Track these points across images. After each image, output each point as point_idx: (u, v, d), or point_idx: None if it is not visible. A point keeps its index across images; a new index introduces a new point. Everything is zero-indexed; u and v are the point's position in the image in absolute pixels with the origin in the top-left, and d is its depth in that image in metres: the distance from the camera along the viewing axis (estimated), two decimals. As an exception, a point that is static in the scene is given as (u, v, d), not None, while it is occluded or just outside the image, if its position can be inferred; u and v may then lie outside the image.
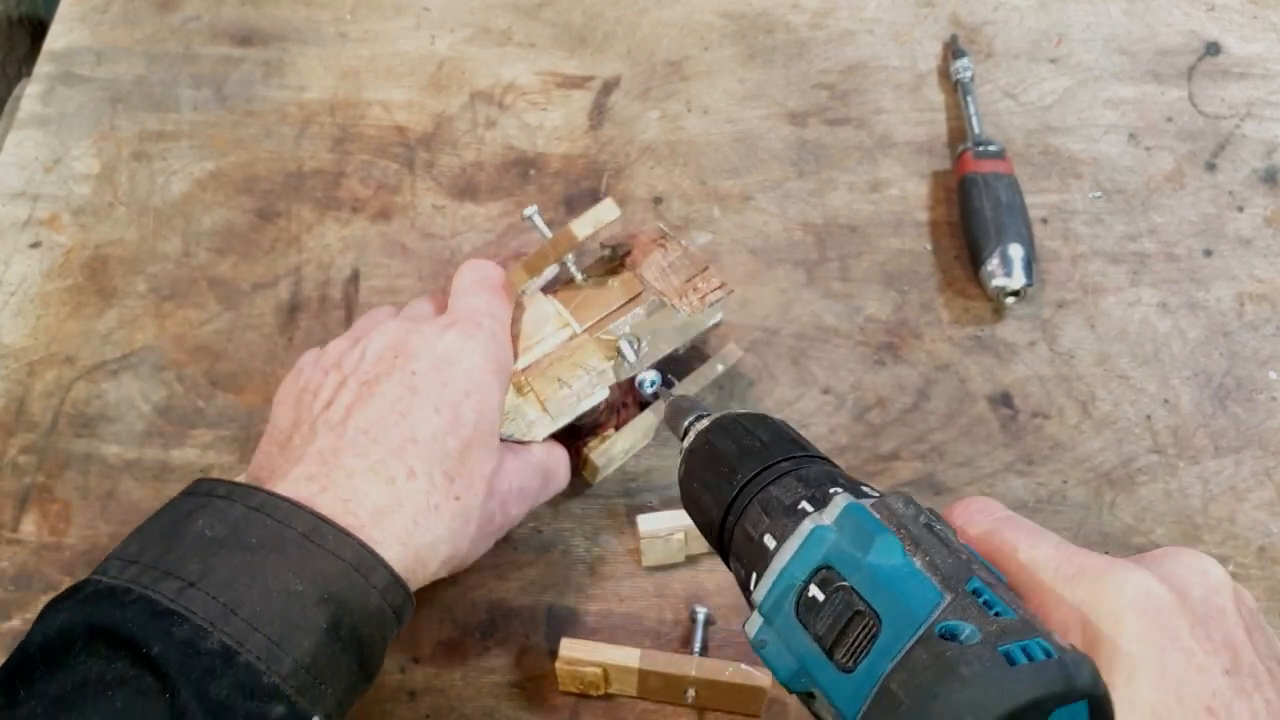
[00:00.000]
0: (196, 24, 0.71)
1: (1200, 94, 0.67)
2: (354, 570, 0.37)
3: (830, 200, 0.63)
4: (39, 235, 0.62)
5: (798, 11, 0.71)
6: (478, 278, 0.49)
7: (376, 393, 0.42)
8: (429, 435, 0.41)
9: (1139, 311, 0.59)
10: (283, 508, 0.37)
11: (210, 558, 0.36)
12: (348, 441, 0.40)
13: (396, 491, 0.40)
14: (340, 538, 0.37)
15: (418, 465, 0.41)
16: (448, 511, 0.41)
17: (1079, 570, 0.33)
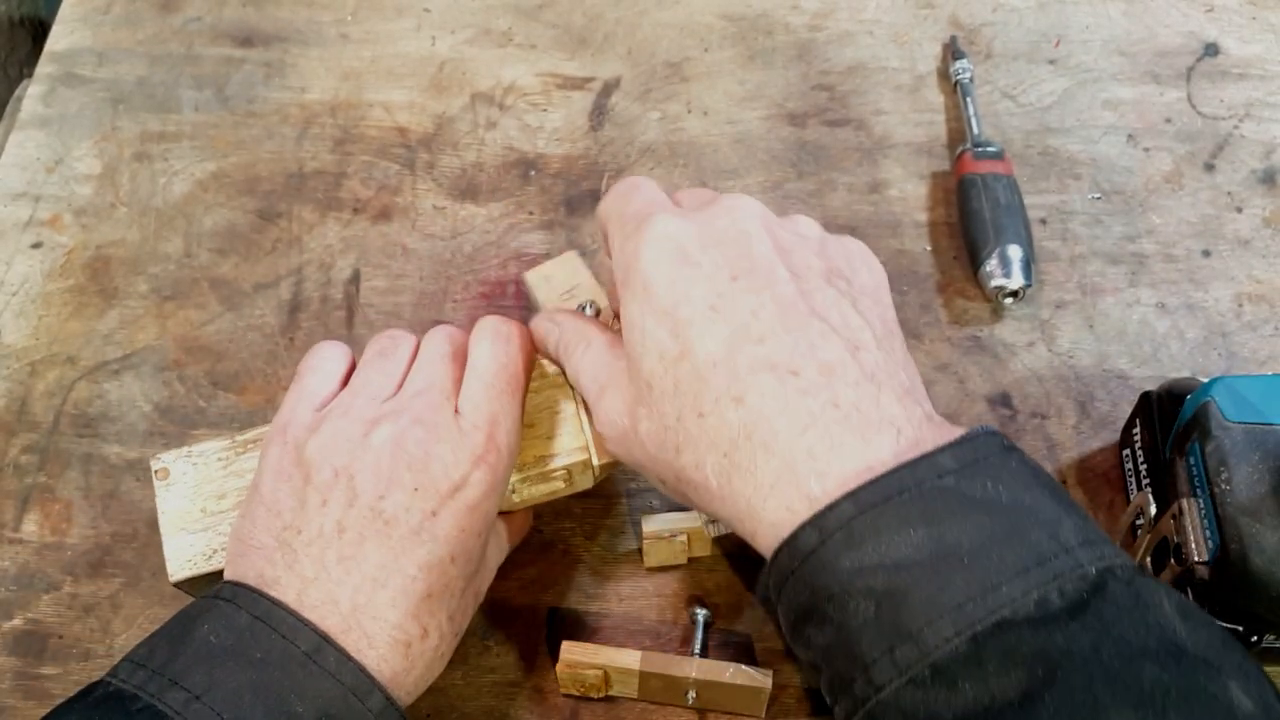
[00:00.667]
0: (198, 25, 0.71)
1: (1199, 95, 0.67)
2: (351, 694, 0.37)
3: (829, 201, 0.63)
4: (41, 236, 0.62)
5: (797, 13, 0.71)
6: (502, 363, 0.43)
7: (394, 536, 0.39)
8: (443, 587, 0.40)
9: (1137, 312, 0.59)
10: (287, 622, 0.37)
11: (215, 670, 0.36)
12: (364, 596, 0.38)
13: (411, 654, 0.39)
14: (341, 661, 0.37)
15: (430, 622, 0.40)
16: (448, 649, 0.41)
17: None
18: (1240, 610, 0.44)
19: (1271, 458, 0.43)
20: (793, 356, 0.36)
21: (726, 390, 0.36)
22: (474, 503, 0.40)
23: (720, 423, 0.36)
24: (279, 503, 0.40)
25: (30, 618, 0.50)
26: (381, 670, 0.38)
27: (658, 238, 0.38)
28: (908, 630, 0.31)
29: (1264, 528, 0.42)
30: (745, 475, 0.35)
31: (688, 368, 0.36)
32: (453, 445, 0.41)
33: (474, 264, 0.61)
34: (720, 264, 0.38)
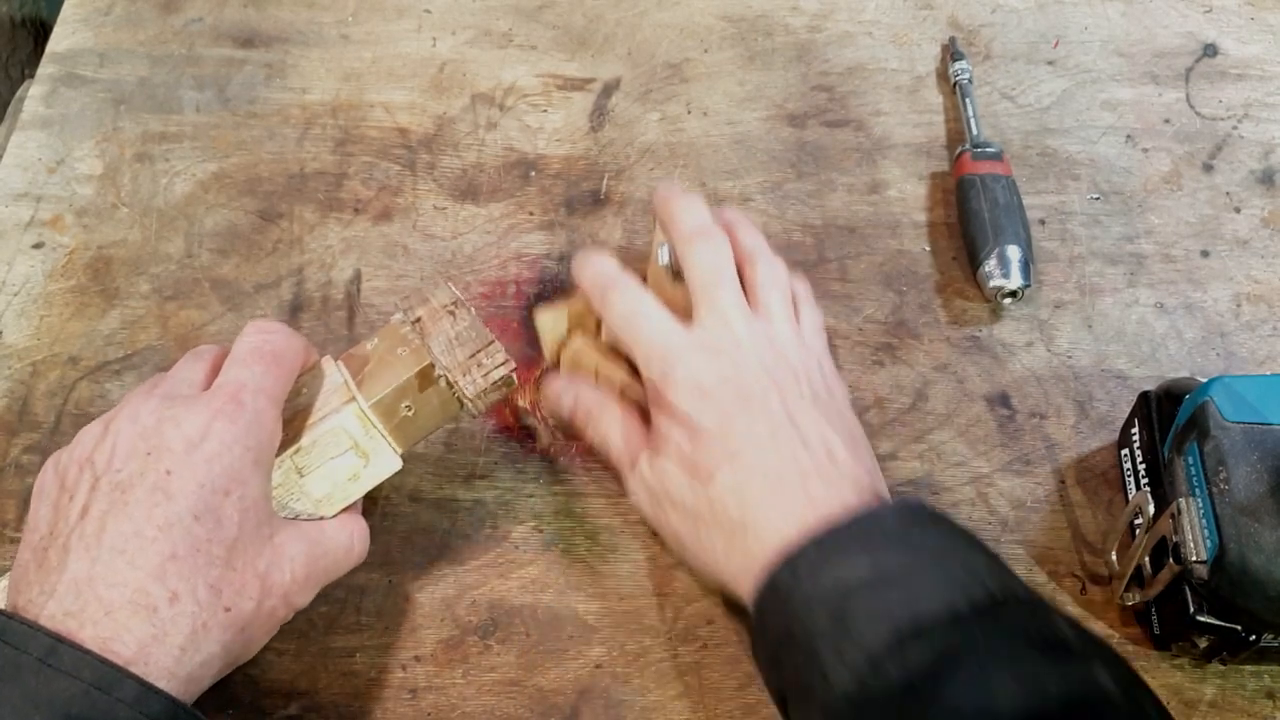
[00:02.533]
0: (199, 26, 0.71)
1: (1198, 95, 0.67)
2: (94, 689, 0.35)
3: (829, 201, 0.63)
4: (42, 236, 0.62)
5: (797, 14, 0.71)
6: (254, 344, 0.44)
7: (130, 501, 0.39)
8: (189, 548, 0.38)
9: (1136, 312, 0.59)
10: (19, 631, 0.36)
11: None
12: (103, 566, 0.37)
13: (160, 620, 0.37)
14: (78, 657, 0.36)
15: (180, 585, 0.38)
16: (217, 626, 0.39)
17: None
18: (1238, 609, 0.44)
19: (1270, 457, 0.43)
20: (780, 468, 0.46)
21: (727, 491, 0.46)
22: (213, 454, 0.40)
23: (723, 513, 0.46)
24: (38, 519, 0.41)
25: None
26: (125, 640, 0.37)
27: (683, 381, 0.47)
28: (851, 633, 0.39)
29: (1262, 527, 0.42)
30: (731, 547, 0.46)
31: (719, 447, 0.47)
32: (188, 407, 0.41)
33: (474, 264, 0.61)
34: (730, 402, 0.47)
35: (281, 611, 0.42)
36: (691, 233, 0.50)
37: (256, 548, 0.41)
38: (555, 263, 0.61)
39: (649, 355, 0.48)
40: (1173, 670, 0.49)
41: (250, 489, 0.41)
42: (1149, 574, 0.47)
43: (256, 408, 0.42)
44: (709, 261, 0.50)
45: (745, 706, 0.48)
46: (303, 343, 0.46)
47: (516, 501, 0.53)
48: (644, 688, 0.49)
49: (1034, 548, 0.52)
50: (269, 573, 0.41)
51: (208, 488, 0.39)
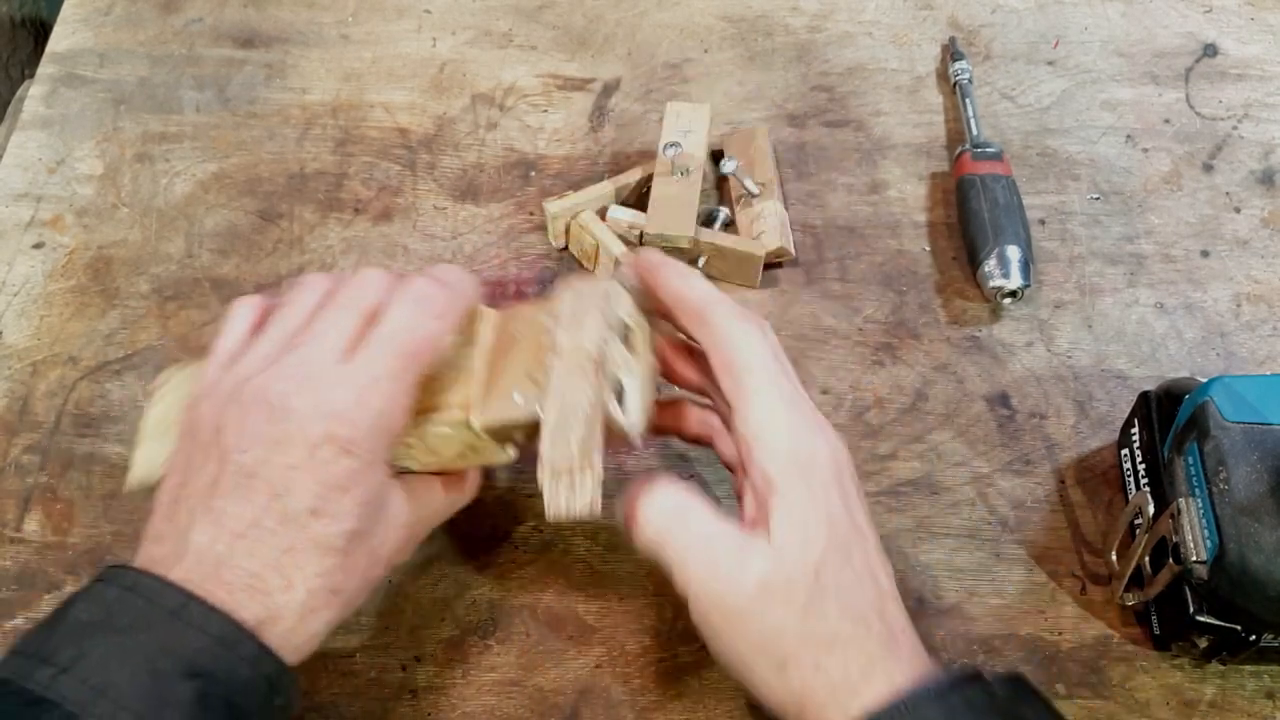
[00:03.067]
0: (199, 26, 0.71)
1: (1197, 96, 0.67)
2: (219, 644, 0.37)
3: (829, 201, 0.63)
4: (42, 236, 0.62)
5: (797, 14, 0.71)
6: (409, 331, 0.42)
7: (254, 488, 0.39)
8: (306, 542, 0.39)
9: (1136, 312, 0.59)
10: (152, 587, 0.38)
11: (84, 642, 0.36)
12: (224, 547, 0.38)
13: (273, 604, 0.38)
14: (206, 614, 0.37)
15: (295, 575, 0.39)
16: (324, 608, 0.40)
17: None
18: (1238, 610, 0.44)
19: (1270, 457, 0.43)
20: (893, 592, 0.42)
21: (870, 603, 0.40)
22: (330, 458, 0.39)
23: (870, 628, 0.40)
24: (177, 462, 0.41)
25: (31, 617, 0.50)
26: (241, 616, 0.38)
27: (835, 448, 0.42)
28: None
29: (1262, 527, 0.42)
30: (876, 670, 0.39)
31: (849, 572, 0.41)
32: (315, 401, 0.40)
33: (474, 264, 0.61)
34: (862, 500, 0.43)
35: (382, 574, 0.42)
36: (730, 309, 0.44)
37: (370, 529, 0.41)
38: (555, 263, 0.61)
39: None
40: (1173, 670, 0.49)
41: (374, 474, 0.41)
42: (1149, 574, 0.47)
43: (385, 402, 0.40)
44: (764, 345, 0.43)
45: (745, 708, 0.48)
46: (468, 298, 0.44)
47: (516, 501, 0.53)
48: (644, 688, 0.49)
49: (1034, 548, 0.52)
50: (378, 547, 0.42)
51: (327, 485, 0.39)
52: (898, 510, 0.53)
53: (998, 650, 0.49)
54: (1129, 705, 0.48)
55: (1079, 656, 0.49)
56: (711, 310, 0.43)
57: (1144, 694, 0.48)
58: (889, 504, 0.53)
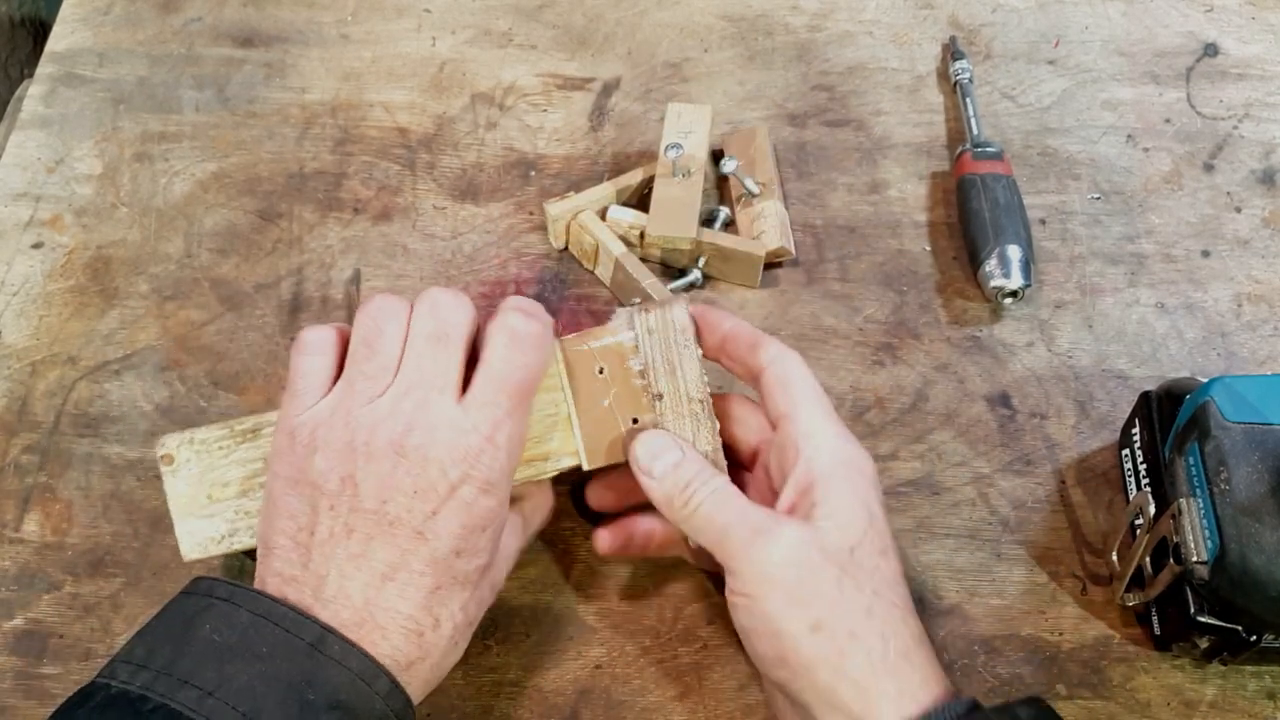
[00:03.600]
0: (198, 25, 0.71)
1: (1198, 95, 0.67)
2: (359, 679, 0.38)
3: (830, 201, 0.63)
4: (41, 236, 0.62)
5: (797, 13, 0.71)
6: (518, 369, 0.43)
7: (398, 534, 0.40)
8: (450, 579, 0.41)
9: (1137, 312, 0.59)
10: (289, 617, 0.38)
11: (225, 665, 0.37)
12: (375, 592, 0.40)
13: (425, 643, 0.40)
14: (345, 648, 0.38)
15: (442, 612, 0.41)
16: (462, 638, 0.42)
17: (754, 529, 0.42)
18: (1239, 610, 0.44)
19: (1271, 458, 0.43)
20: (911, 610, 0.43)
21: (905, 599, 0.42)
22: (471, 500, 0.41)
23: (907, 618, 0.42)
24: (291, 508, 0.41)
25: (31, 617, 0.50)
26: (396, 659, 0.39)
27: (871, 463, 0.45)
28: None
29: (1263, 527, 0.42)
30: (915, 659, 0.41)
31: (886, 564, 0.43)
32: (449, 447, 0.41)
33: (474, 264, 0.61)
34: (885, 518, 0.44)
35: (491, 598, 0.44)
36: (777, 341, 0.46)
37: (493, 563, 0.43)
38: (555, 263, 0.61)
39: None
40: (1173, 671, 0.49)
41: (500, 518, 0.43)
42: (1150, 574, 0.47)
43: (510, 450, 0.42)
44: (808, 371, 0.46)
45: (745, 707, 0.48)
46: (551, 330, 0.45)
47: (516, 502, 0.53)
48: (644, 688, 0.49)
49: (1035, 548, 0.52)
50: (496, 576, 0.44)
51: (469, 528, 0.41)
52: (898, 510, 0.53)
53: (998, 651, 0.49)
54: (1130, 706, 0.48)
55: (1080, 657, 0.49)
56: (763, 340, 0.46)
57: (1145, 694, 0.48)
58: (890, 504, 0.53)
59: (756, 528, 0.42)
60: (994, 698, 0.48)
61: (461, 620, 0.42)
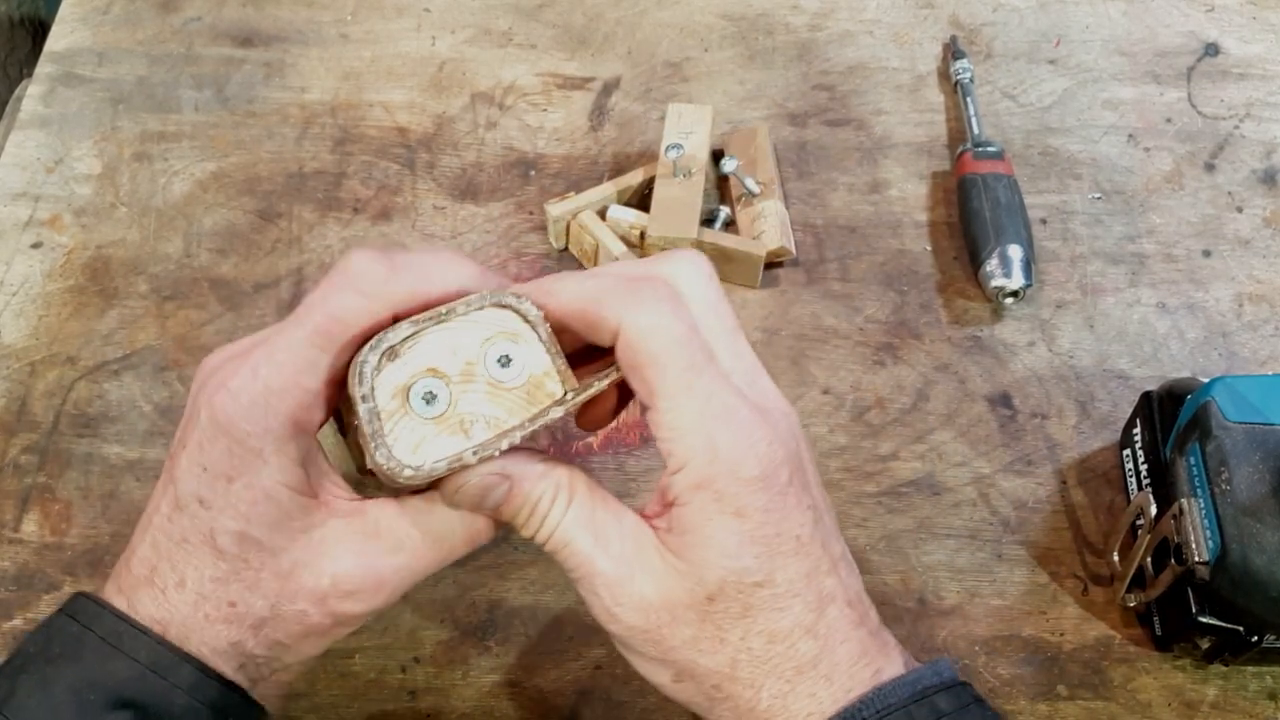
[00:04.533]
0: (198, 25, 0.71)
1: (1199, 95, 0.67)
2: (150, 672, 0.34)
3: (830, 201, 0.63)
4: (40, 236, 0.62)
5: (797, 13, 0.71)
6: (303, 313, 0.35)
7: (173, 472, 0.36)
8: (196, 534, 0.35)
9: (1138, 312, 0.59)
10: (89, 610, 0.36)
11: (18, 676, 0.35)
12: (136, 539, 0.37)
13: (168, 605, 0.36)
14: (136, 639, 0.35)
15: (188, 572, 0.36)
16: (221, 620, 0.36)
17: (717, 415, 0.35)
18: (1240, 610, 0.44)
19: (1272, 458, 0.43)
20: (841, 588, 0.37)
21: (799, 622, 0.36)
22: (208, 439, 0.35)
23: (792, 651, 0.36)
24: None
25: (30, 618, 0.50)
26: (140, 614, 0.35)
27: (763, 457, 0.35)
28: None
29: (1264, 528, 0.42)
30: (793, 700, 0.36)
31: (765, 594, 0.36)
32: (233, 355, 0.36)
33: (474, 264, 0.61)
34: (805, 493, 0.36)
35: (318, 619, 0.37)
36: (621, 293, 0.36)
37: (278, 543, 0.36)
38: (555, 263, 0.61)
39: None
40: (1174, 671, 0.49)
41: (260, 477, 0.35)
42: (1151, 575, 0.47)
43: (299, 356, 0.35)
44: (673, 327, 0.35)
45: (746, 708, 0.48)
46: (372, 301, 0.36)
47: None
48: (644, 689, 0.48)
49: (1035, 548, 0.52)
50: (294, 572, 0.36)
51: (210, 473, 0.35)
52: (899, 511, 0.53)
53: (999, 651, 0.49)
54: (1130, 706, 0.48)
55: (1080, 657, 0.49)
56: (597, 305, 0.35)
57: (1146, 695, 0.48)
58: (890, 504, 0.53)
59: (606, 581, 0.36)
60: (995, 698, 0.48)
61: (213, 592, 0.35)
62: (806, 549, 0.36)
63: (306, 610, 0.36)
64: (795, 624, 0.36)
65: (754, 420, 0.35)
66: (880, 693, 0.35)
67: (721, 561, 0.35)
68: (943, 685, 0.36)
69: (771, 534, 0.35)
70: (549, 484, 0.36)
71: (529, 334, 0.36)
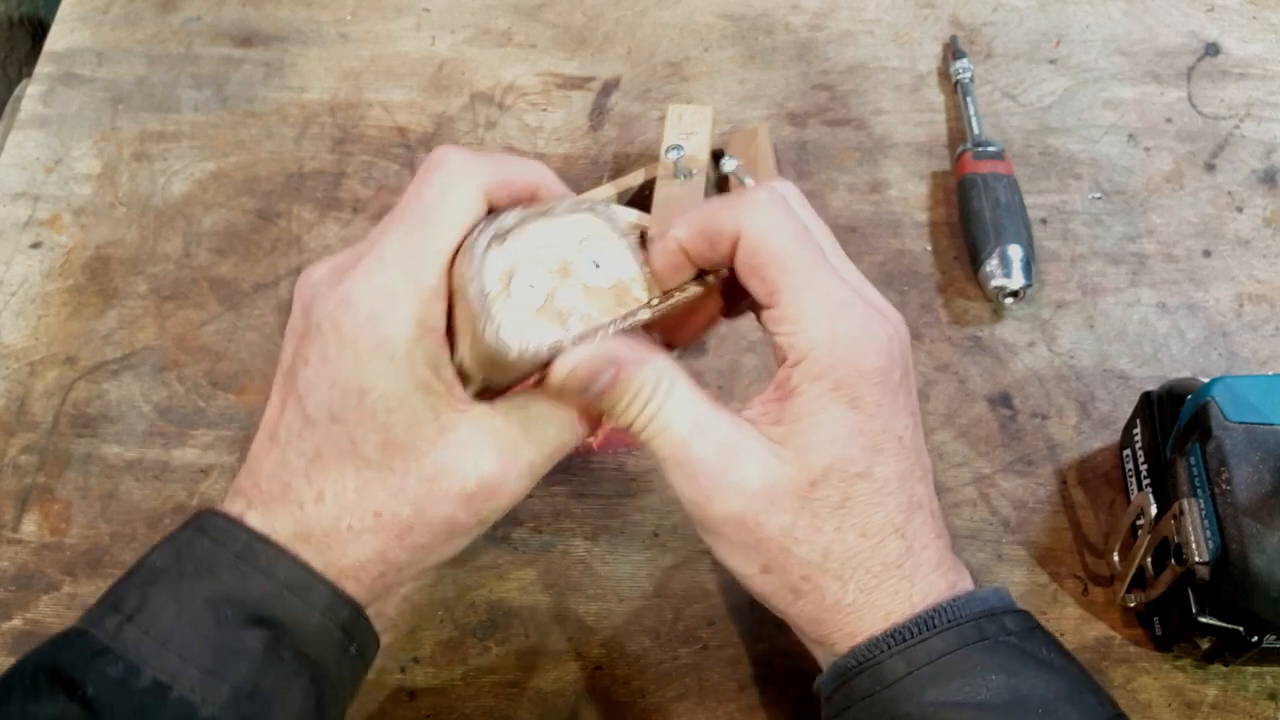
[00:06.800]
0: (197, 25, 0.71)
1: (1199, 95, 0.67)
2: (287, 590, 0.35)
3: (830, 201, 0.63)
4: (40, 236, 0.62)
5: (797, 13, 0.71)
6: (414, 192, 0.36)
7: (286, 388, 0.37)
8: (334, 449, 0.36)
9: (1138, 312, 0.59)
10: (219, 527, 0.36)
11: (149, 588, 0.35)
12: (266, 453, 0.37)
13: (306, 518, 0.36)
14: (273, 556, 0.35)
15: (325, 486, 0.36)
16: (366, 530, 0.36)
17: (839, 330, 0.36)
18: (1240, 610, 0.44)
19: (1272, 458, 0.43)
20: (928, 498, 0.39)
21: (890, 520, 0.37)
22: (338, 354, 0.35)
23: (881, 547, 0.37)
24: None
25: (29, 618, 0.50)
26: (278, 533, 0.36)
27: (882, 350, 0.36)
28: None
29: (1265, 528, 0.42)
30: (877, 596, 0.37)
31: (864, 486, 0.37)
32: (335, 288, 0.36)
33: (474, 264, 0.61)
34: (910, 399, 0.38)
35: (464, 519, 0.37)
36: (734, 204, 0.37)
37: (418, 448, 0.36)
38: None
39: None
40: (1174, 671, 0.49)
41: (395, 384, 0.35)
42: (1151, 575, 0.47)
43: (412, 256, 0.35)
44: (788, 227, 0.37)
45: (746, 708, 0.48)
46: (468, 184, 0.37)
47: (516, 502, 0.53)
48: (643, 689, 0.48)
49: (1036, 548, 0.52)
50: (439, 475, 0.36)
51: (339, 386, 0.35)
52: (899, 511, 0.53)
53: (999, 651, 0.49)
54: (1131, 706, 0.48)
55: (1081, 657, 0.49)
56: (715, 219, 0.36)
57: (1146, 695, 0.48)
58: (890, 504, 0.53)
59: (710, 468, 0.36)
60: (995, 699, 0.48)
61: (356, 503, 0.36)
62: (905, 451, 0.37)
63: (454, 513, 0.37)
64: (887, 521, 0.37)
65: (872, 316, 0.36)
66: (955, 603, 0.37)
67: (829, 448, 0.36)
68: (1007, 609, 0.37)
69: (879, 428, 0.36)
70: (652, 370, 0.37)
71: (618, 242, 0.37)
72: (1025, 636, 0.37)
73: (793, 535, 0.36)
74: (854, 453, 0.36)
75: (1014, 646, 0.36)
